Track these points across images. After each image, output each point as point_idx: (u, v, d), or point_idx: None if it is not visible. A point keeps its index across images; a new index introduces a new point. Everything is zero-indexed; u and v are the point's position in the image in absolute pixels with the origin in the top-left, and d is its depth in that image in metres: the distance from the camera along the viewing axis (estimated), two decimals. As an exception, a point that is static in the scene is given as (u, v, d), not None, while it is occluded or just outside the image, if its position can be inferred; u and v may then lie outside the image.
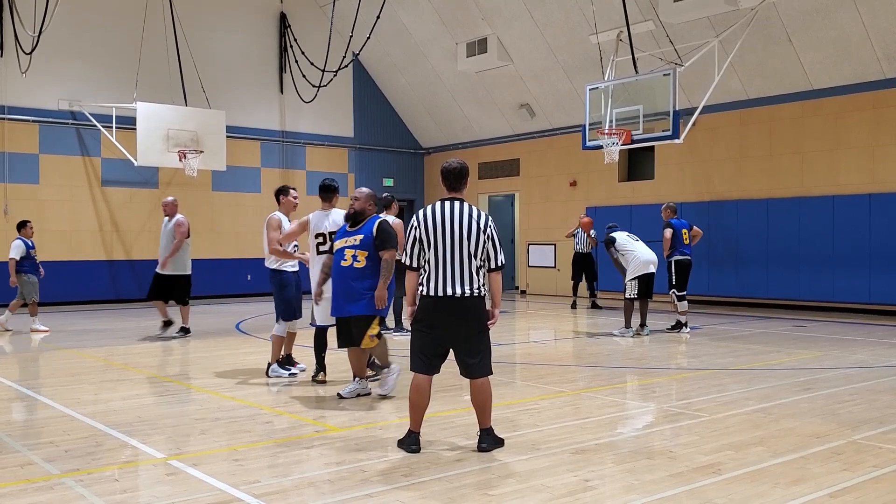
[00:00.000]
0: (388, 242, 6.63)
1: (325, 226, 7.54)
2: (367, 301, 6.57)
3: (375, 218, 6.82)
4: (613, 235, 11.89)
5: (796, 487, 4.38)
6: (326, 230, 7.51)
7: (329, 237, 7.47)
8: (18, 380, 8.02)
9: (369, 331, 6.65)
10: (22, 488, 4.40)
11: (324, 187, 7.71)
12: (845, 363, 8.90)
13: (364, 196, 6.83)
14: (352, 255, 6.65)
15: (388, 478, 4.58)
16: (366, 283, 6.59)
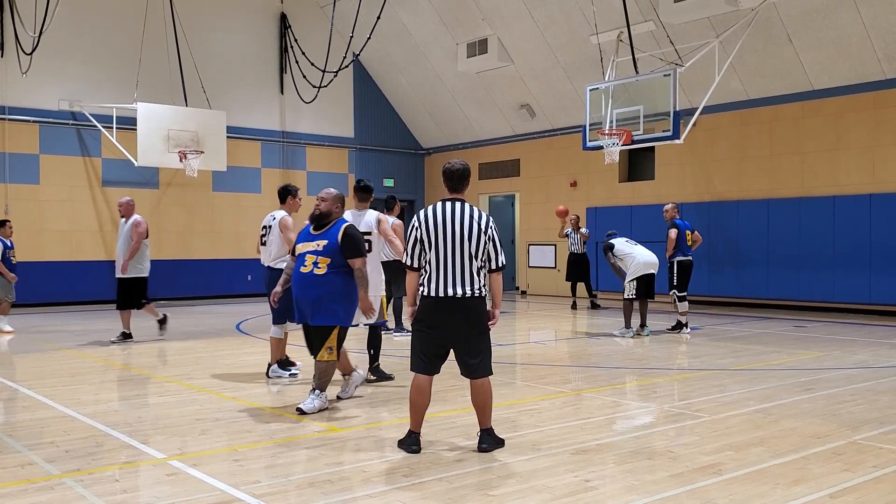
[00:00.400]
0: (358, 251, 6.31)
1: (358, 225, 7.54)
2: (325, 312, 6.23)
3: (341, 222, 6.46)
4: (612, 242, 11.91)
5: (797, 488, 4.38)
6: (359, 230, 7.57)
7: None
8: (19, 380, 8.02)
9: (327, 343, 6.29)
10: (22, 488, 4.40)
11: (362, 188, 7.77)
12: (846, 363, 8.89)
13: (331, 197, 6.50)
14: (312, 262, 6.28)
15: (389, 478, 4.58)
16: (326, 291, 6.21)
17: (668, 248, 11.87)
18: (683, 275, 11.92)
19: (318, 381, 6.36)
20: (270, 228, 8.07)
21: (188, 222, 19.07)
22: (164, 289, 18.63)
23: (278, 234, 7.90)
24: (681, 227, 11.94)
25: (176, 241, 18.84)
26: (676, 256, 11.88)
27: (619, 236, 12.21)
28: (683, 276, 11.92)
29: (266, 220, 8.23)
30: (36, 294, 16.99)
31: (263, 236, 8.14)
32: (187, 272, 18.90)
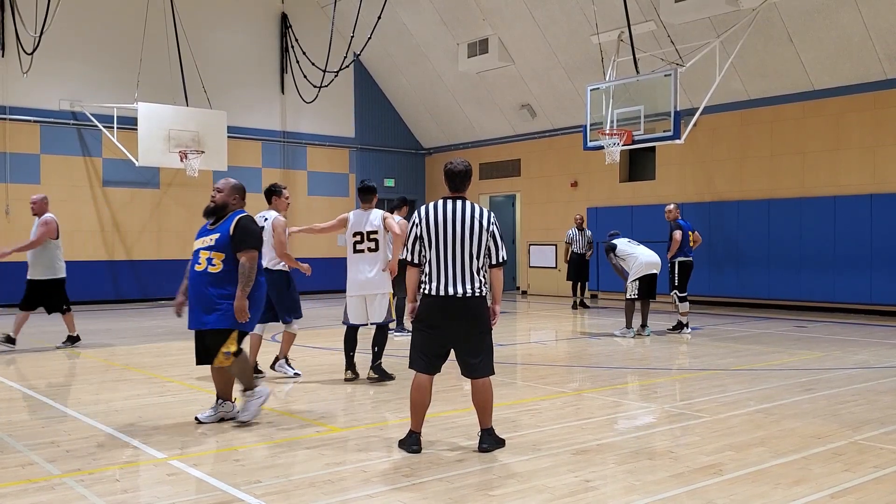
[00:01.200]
0: (247, 242, 5.76)
1: (363, 224, 7.67)
2: (221, 312, 5.71)
3: (237, 213, 5.94)
4: (614, 242, 11.89)
5: (797, 488, 4.38)
6: (364, 229, 7.66)
7: (366, 236, 7.65)
8: (19, 380, 8.02)
9: (224, 347, 5.80)
10: (23, 488, 4.40)
11: (364, 189, 7.85)
12: (846, 364, 8.89)
13: (228, 188, 6.00)
14: (206, 258, 5.82)
15: (389, 478, 4.58)
16: (220, 290, 5.72)
17: (672, 249, 11.86)
18: (684, 275, 11.92)
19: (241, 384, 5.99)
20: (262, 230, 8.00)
21: (189, 222, 19.05)
22: (164, 289, 18.64)
23: (271, 234, 7.80)
24: (684, 227, 11.94)
25: (176, 242, 18.84)
26: (678, 257, 11.88)
27: (621, 236, 12.20)
28: (684, 276, 11.92)
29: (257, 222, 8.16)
30: (36, 294, 16.97)
31: None
32: (188, 272, 18.87)
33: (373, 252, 7.67)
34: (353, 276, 7.72)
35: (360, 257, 7.68)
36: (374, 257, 7.68)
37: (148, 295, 18.39)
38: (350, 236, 7.73)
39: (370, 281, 7.65)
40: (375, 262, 7.67)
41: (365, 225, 7.69)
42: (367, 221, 7.70)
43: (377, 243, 7.65)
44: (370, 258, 7.68)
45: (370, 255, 7.68)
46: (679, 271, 11.90)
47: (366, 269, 7.66)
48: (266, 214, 7.93)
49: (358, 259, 7.69)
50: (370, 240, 7.68)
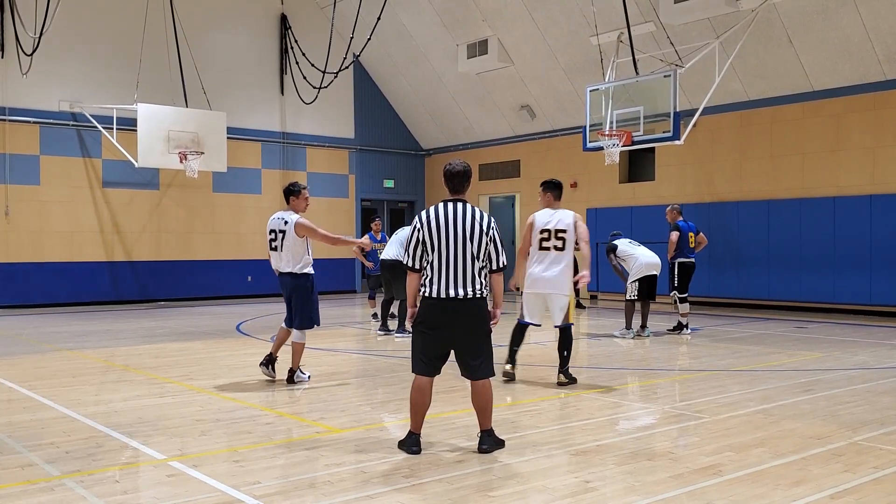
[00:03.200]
0: None
1: (552, 222, 7.52)
2: None
3: None
4: (615, 243, 11.91)
5: (797, 489, 4.38)
6: (553, 227, 7.49)
7: (554, 234, 7.46)
8: (19, 380, 8.02)
9: None
10: (23, 489, 4.40)
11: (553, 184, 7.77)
12: (846, 364, 8.89)
13: None
14: None
15: (389, 479, 4.58)
16: None
17: (669, 250, 11.89)
18: (685, 276, 11.93)
19: None
20: (284, 234, 7.50)
21: (189, 223, 19.07)
22: (164, 289, 18.67)
23: (294, 238, 7.45)
24: (683, 229, 11.94)
25: (176, 242, 18.85)
26: (678, 258, 11.89)
27: (622, 237, 12.19)
28: (685, 277, 11.93)
29: (274, 224, 7.63)
30: (36, 295, 17.01)
31: (273, 241, 7.60)
32: (188, 273, 18.91)
33: (559, 251, 7.49)
34: (535, 273, 7.53)
35: (545, 255, 7.51)
36: (559, 257, 7.49)
37: (148, 296, 18.40)
38: (537, 233, 7.54)
39: (551, 280, 7.48)
40: (560, 262, 7.48)
41: (555, 223, 7.52)
42: (557, 219, 7.54)
43: (564, 243, 7.48)
44: (554, 257, 7.49)
45: (555, 254, 7.49)
46: (679, 272, 11.91)
47: (549, 268, 7.48)
48: (285, 216, 7.57)
49: (542, 256, 7.51)
50: (558, 238, 7.49)
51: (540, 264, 7.54)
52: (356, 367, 9.35)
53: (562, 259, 7.49)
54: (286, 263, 7.55)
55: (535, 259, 7.56)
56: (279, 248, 7.55)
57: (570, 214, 7.61)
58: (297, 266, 7.52)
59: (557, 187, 7.78)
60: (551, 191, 7.75)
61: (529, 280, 7.60)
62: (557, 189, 7.77)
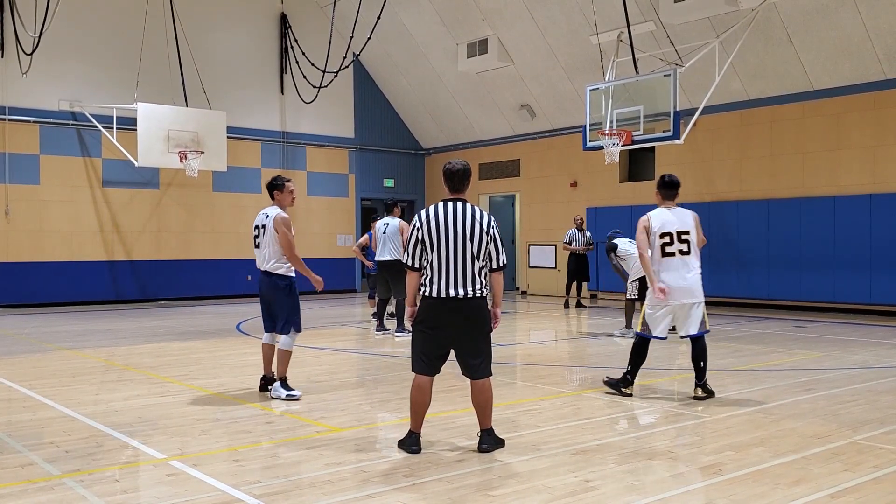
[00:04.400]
0: None
1: (673, 224, 6.89)
2: None
3: None
4: (615, 242, 11.85)
5: (797, 488, 4.38)
6: (675, 229, 6.87)
7: (677, 237, 6.85)
8: (19, 380, 8.02)
9: None
10: (23, 489, 4.40)
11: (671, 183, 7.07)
12: (846, 364, 8.89)
13: None
14: None
15: (389, 478, 4.58)
16: None
17: None
18: None
19: None
20: (264, 228, 7.11)
21: (188, 222, 19.07)
22: (164, 289, 18.67)
23: (273, 234, 7.04)
24: None
25: (176, 242, 18.85)
26: None
27: (622, 236, 12.17)
28: None
29: (258, 220, 7.21)
30: (36, 294, 17.01)
31: (256, 237, 7.19)
32: (187, 272, 18.91)
33: (685, 255, 6.91)
34: (680, 284, 6.88)
35: (670, 261, 6.88)
36: (688, 261, 6.92)
37: (148, 295, 18.40)
38: (657, 238, 6.89)
39: (684, 289, 6.88)
40: (690, 267, 6.94)
41: (676, 224, 6.91)
42: (678, 220, 6.92)
43: (689, 245, 6.91)
44: (682, 262, 6.90)
45: (681, 259, 6.90)
46: None
47: (678, 276, 6.88)
48: (268, 212, 7.16)
49: (667, 264, 6.89)
50: (682, 241, 6.90)
51: (671, 271, 6.89)
52: (356, 367, 9.35)
53: (691, 264, 6.93)
54: (266, 261, 7.07)
55: (661, 267, 6.90)
56: (261, 244, 7.12)
57: (689, 214, 7.02)
58: (269, 264, 7.05)
59: (666, 185, 7.08)
60: (660, 190, 7.12)
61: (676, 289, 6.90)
62: (666, 188, 7.07)
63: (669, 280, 6.87)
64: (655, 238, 6.90)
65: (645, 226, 6.97)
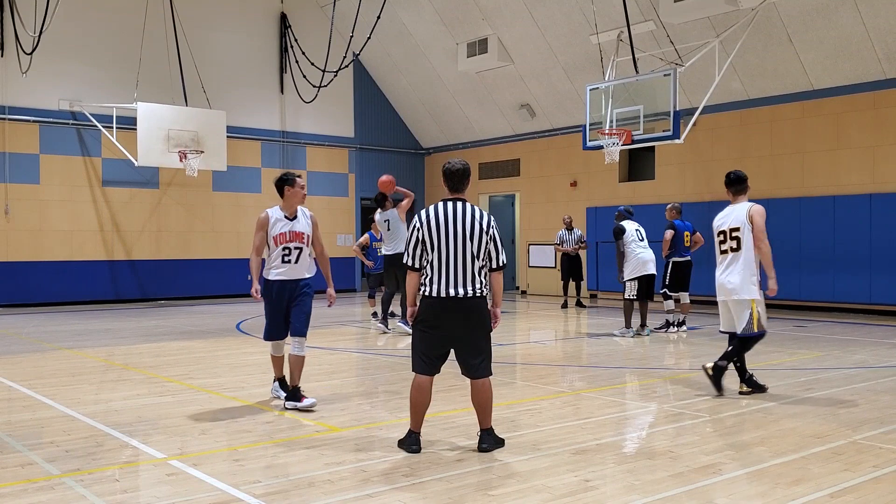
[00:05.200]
0: None
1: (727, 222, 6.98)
2: None
3: None
4: (623, 226, 11.61)
5: (797, 487, 4.38)
6: (727, 226, 6.95)
7: (729, 234, 6.90)
8: (19, 380, 8.02)
9: None
10: (23, 488, 4.40)
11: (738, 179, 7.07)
12: (846, 363, 8.89)
13: None
14: None
15: (389, 478, 4.58)
16: None
17: (664, 248, 11.87)
18: (678, 274, 11.92)
19: None
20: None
21: (188, 222, 19.07)
22: (164, 289, 18.67)
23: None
24: (679, 228, 11.93)
25: (176, 241, 18.85)
26: (673, 256, 11.90)
27: (631, 218, 11.87)
28: (678, 275, 11.92)
29: None
30: (36, 294, 17.01)
31: None
32: (187, 272, 18.91)
33: (735, 252, 6.91)
34: (717, 279, 7.08)
35: (723, 258, 7.01)
36: (736, 258, 6.90)
37: (147, 295, 18.40)
38: (715, 236, 7.07)
39: (727, 286, 6.95)
40: (736, 265, 6.89)
41: (729, 222, 6.95)
42: (732, 217, 6.96)
43: (739, 242, 6.89)
44: (731, 259, 6.94)
45: (731, 256, 6.94)
46: (673, 270, 11.91)
47: (725, 272, 6.97)
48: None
49: (721, 260, 7.04)
50: (732, 238, 6.93)
51: (718, 268, 7.07)
52: (356, 367, 9.35)
53: (738, 260, 6.88)
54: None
55: (717, 263, 7.10)
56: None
57: (745, 208, 6.93)
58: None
59: (733, 182, 7.10)
60: (728, 187, 7.15)
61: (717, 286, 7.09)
62: (733, 184, 7.10)
63: (718, 275, 7.08)
64: (715, 237, 7.12)
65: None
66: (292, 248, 6.50)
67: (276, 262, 6.50)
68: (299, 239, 6.53)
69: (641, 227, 11.77)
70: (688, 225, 12.18)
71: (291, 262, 6.51)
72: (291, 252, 6.51)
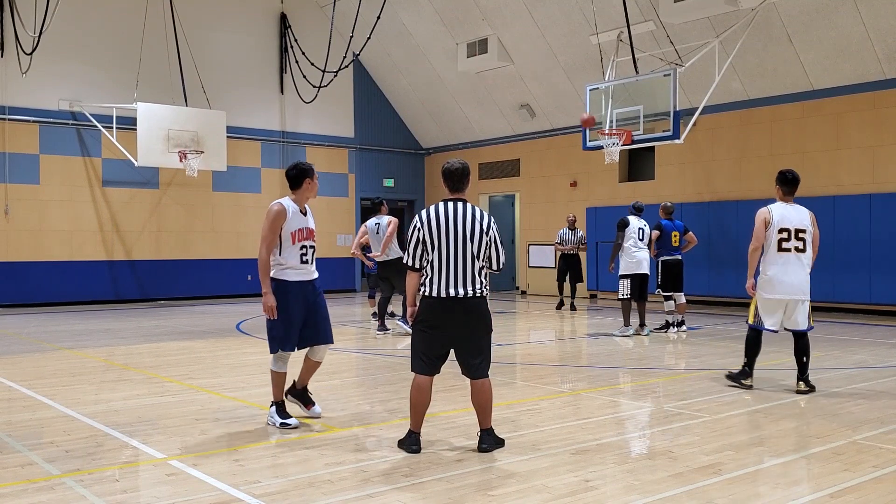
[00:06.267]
0: None
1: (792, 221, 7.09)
2: None
3: None
4: (628, 220, 11.58)
5: (797, 488, 4.38)
6: (793, 226, 7.08)
7: (794, 234, 7.05)
8: (19, 380, 8.02)
9: None
10: (23, 488, 4.40)
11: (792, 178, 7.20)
12: (846, 363, 8.89)
13: None
14: None
15: (389, 478, 4.58)
16: None
17: (650, 249, 11.82)
18: (667, 274, 11.88)
19: None
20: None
21: (188, 222, 19.07)
22: (164, 289, 18.67)
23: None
24: (666, 227, 11.89)
25: (176, 241, 18.85)
26: (661, 256, 11.90)
27: (639, 216, 11.80)
28: (667, 275, 11.88)
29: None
30: (36, 294, 17.01)
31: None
32: (187, 272, 18.91)
33: (800, 252, 7.12)
34: (776, 276, 7.17)
35: (785, 256, 7.11)
36: (801, 258, 7.13)
37: (147, 295, 18.40)
38: (775, 232, 7.12)
39: (794, 285, 7.13)
40: (803, 265, 7.14)
41: (795, 221, 7.11)
42: (797, 217, 7.13)
43: (805, 243, 7.12)
44: (795, 258, 7.12)
45: (796, 256, 7.12)
46: (662, 270, 11.91)
47: (790, 271, 7.13)
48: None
49: (783, 259, 7.12)
50: (798, 238, 7.11)
51: (779, 266, 7.15)
52: (356, 367, 9.35)
53: (802, 260, 7.13)
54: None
55: (773, 261, 7.17)
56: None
57: (807, 211, 7.21)
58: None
59: (786, 182, 7.20)
60: (781, 185, 7.24)
61: (768, 284, 7.24)
62: (787, 184, 7.19)
63: (781, 275, 7.14)
64: (774, 232, 7.11)
65: (766, 218, 7.16)
66: (308, 246, 6.00)
67: (293, 262, 5.87)
68: (313, 237, 6.10)
69: (646, 227, 11.77)
70: (678, 224, 12.14)
71: (309, 261, 6.00)
72: (308, 251, 5.98)
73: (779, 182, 7.28)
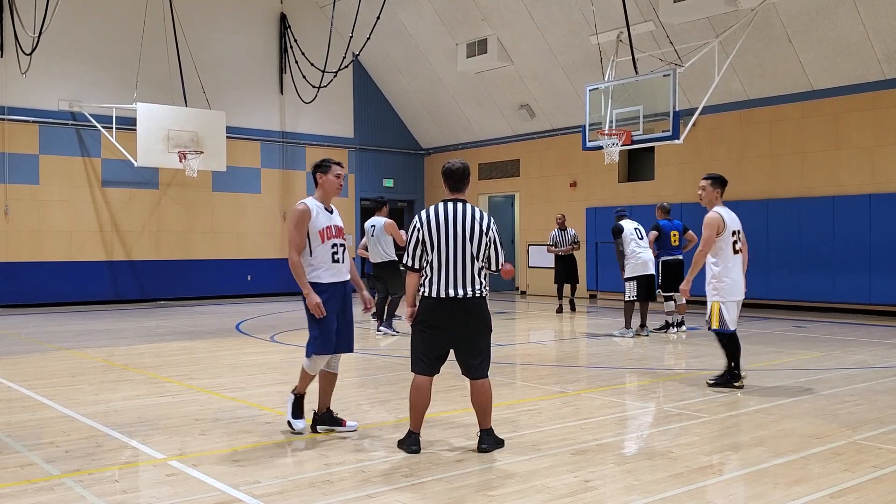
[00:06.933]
0: None
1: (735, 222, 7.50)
2: None
3: None
4: (622, 225, 11.64)
5: (797, 488, 4.38)
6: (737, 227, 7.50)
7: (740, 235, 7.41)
8: (19, 380, 8.02)
9: None
10: (22, 489, 4.40)
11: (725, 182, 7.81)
12: (846, 364, 8.89)
13: None
14: None
15: (389, 478, 4.58)
16: None
17: (651, 250, 11.79)
18: (668, 274, 11.89)
19: None
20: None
21: (188, 222, 19.07)
22: (164, 289, 18.67)
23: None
24: (664, 227, 11.90)
25: (176, 242, 18.85)
26: (662, 256, 11.90)
27: (628, 217, 11.87)
28: (668, 275, 11.88)
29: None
30: (36, 294, 17.01)
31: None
32: (187, 272, 18.91)
33: (740, 252, 7.61)
34: (738, 279, 7.57)
35: (737, 259, 7.58)
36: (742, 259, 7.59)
37: (147, 295, 18.40)
38: (729, 236, 7.47)
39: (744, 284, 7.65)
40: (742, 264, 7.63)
41: (737, 223, 7.63)
42: (736, 219, 7.62)
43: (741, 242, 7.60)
44: (740, 259, 7.62)
45: (740, 256, 7.61)
46: (663, 270, 11.91)
47: (741, 272, 7.65)
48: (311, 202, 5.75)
49: (736, 260, 7.56)
50: (739, 239, 7.60)
51: (737, 268, 7.55)
52: (356, 367, 9.35)
53: (741, 261, 7.60)
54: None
55: (732, 264, 7.47)
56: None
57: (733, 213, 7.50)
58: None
59: (724, 184, 7.74)
60: (721, 188, 7.67)
61: (734, 287, 7.49)
62: (724, 186, 7.76)
63: (737, 276, 7.50)
64: (727, 235, 7.38)
65: (719, 224, 7.41)
66: (339, 244, 5.67)
67: (325, 262, 5.59)
68: (342, 234, 5.73)
69: (641, 226, 11.79)
70: (677, 224, 12.15)
71: (340, 260, 5.66)
72: (339, 248, 5.67)
73: (720, 184, 7.64)
